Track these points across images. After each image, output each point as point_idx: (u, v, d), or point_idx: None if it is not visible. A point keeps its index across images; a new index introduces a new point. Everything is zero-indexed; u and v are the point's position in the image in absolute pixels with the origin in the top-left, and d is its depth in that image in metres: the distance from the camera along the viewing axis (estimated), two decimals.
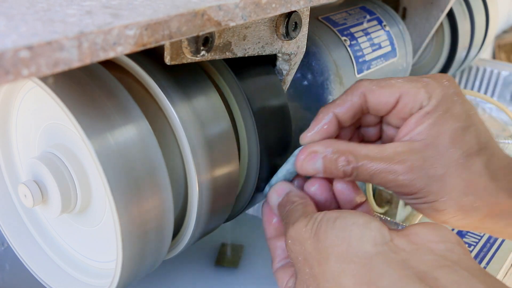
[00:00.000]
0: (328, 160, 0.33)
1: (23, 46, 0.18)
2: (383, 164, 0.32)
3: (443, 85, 0.33)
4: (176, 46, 0.30)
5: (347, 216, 0.29)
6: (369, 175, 0.33)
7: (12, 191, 0.40)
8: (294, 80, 0.49)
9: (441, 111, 0.33)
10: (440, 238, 0.28)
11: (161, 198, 0.30)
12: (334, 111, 0.35)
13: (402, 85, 0.34)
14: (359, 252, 0.27)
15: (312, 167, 0.34)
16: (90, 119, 0.28)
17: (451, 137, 0.32)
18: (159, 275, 0.50)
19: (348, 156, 0.33)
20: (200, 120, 0.33)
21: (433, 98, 0.33)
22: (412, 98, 0.33)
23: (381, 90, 0.34)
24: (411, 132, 0.33)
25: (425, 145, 0.32)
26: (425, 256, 0.27)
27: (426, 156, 0.32)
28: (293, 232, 0.31)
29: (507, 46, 1.34)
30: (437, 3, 0.65)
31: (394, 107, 0.34)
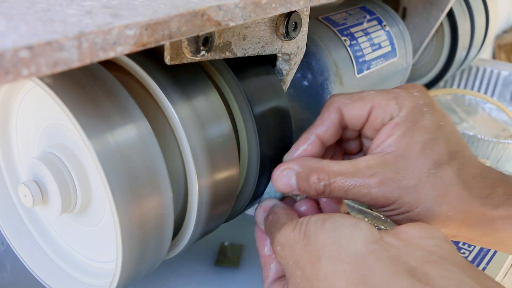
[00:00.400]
0: (300, 177, 0.34)
1: (23, 46, 0.18)
2: (355, 179, 0.33)
3: (413, 96, 0.34)
4: (176, 46, 0.30)
5: (336, 217, 0.30)
6: (343, 191, 0.33)
7: (12, 191, 0.40)
8: (294, 80, 0.49)
9: (411, 122, 0.33)
10: (428, 234, 0.29)
11: (161, 198, 0.30)
12: (316, 132, 0.36)
13: (373, 97, 0.34)
14: (350, 252, 0.28)
15: (286, 183, 0.35)
16: (90, 119, 0.28)
17: (421, 148, 0.33)
18: (159, 275, 0.50)
19: (320, 174, 0.34)
20: (200, 120, 0.33)
21: (403, 109, 0.34)
22: (383, 110, 0.34)
23: (354, 103, 0.35)
24: (382, 144, 0.34)
25: (395, 157, 0.33)
26: (414, 252, 0.27)
27: (397, 168, 0.33)
28: (281, 238, 0.31)
29: (507, 46, 1.34)
30: (437, 3, 0.65)
31: (367, 119, 0.35)
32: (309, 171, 0.34)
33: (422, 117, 0.34)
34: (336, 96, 0.36)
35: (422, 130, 0.33)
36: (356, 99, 0.35)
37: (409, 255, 0.27)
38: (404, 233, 0.29)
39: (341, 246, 0.28)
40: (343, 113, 0.35)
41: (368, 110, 0.35)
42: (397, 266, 0.26)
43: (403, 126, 0.33)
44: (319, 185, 0.34)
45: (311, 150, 0.36)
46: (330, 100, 0.36)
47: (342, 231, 0.29)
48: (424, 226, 0.29)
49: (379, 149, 0.34)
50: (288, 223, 0.32)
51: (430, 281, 0.25)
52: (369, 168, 0.33)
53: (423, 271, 0.26)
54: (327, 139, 0.36)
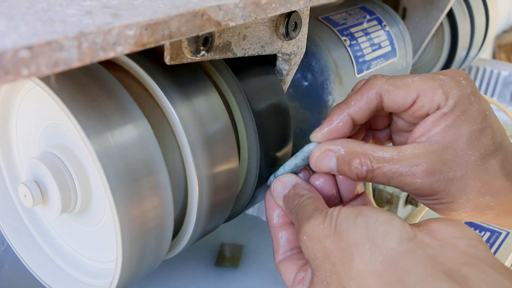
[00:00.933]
0: (341, 160, 0.33)
1: (23, 46, 0.18)
2: (401, 167, 0.32)
3: (460, 84, 0.33)
4: (176, 46, 0.30)
5: (368, 213, 0.29)
6: (386, 178, 0.32)
7: (12, 191, 0.40)
8: (294, 80, 0.49)
9: (458, 112, 0.32)
10: (462, 234, 0.28)
11: (161, 198, 0.30)
12: (349, 111, 0.34)
13: (419, 85, 0.33)
14: (384, 251, 0.27)
15: (326, 165, 0.34)
16: (90, 119, 0.28)
17: (468, 139, 0.32)
18: (159, 275, 0.50)
19: (363, 158, 0.32)
20: (200, 120, 0.33)
21: (450, 99, 0.32)
22: (429, 99, 0.32)
23: (397, 90, 0.33)
24: (427, 133, 0.33)
25: (442, 147, 0.32)
26: (450, 253, 0.26)
27: (444, 159, 0.32)
28: (309, 229, 0.30)
29: (507, 46, 1.34)
30: (437, 3, 0.65)
31: (410, 107, 0.33)
32: (352, 155, 0.33)
33: (470, 107, 0.32)
34: (378, 79, 0.34)
35: (470, 120, 0.32)
36: (400, 86, 0.33)
37: (446, 256, 0.26)
38: (439, 232, 0.28)
39: (375, 245, 0.27)
40: (384, 99, 0.34)
41: (413, 98, 0.33)
42: (434, 267, 0.26)
43: (451, 117, 0.32)
44: (361, 170, 0.32)
45: (342, 128, 0.34)
46: (370, 83, 0.34)
47: (376, 228, 0.28)
48: (457, 224, 0.29)
49: (425, 138, 0.33)
50: (317, 214, 0.30)
51: (469, 283, 0.25)
52: (415, 157, 0.32)
53: (461, 273, 0.25)
54: (358, 120, 0.34)
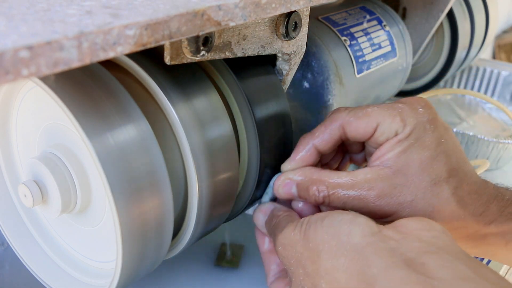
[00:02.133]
0: (300, 187, 0.36)
1: (23, 46, 0.18)
2: (353, 191, 0.34)
3: (417, 112, 0.35)
4: (176, 46, 0.30)
5: (334, 214, 0.30)
6: (341, 202, 0.34)
7: (12, 191, 0.40)
8: (294, 80, 0.49)
9: (412, 139, 0.34)
10: (427, 226, 0.29)
11: (161, 198, 0.30)
12: (314, 142, 0.37)
13: (379, 114, 0.35)
14: (349, 245, 0.28)
15: (287, 192, 0.36)
16: (90, 119, 0.28)
17: (420, 165, 0.34)
18: (159, 275, 0.50)
19: (319, 185, 0.35)
20: (200, 120, 0.33)
21: (407, 126, 0.34)
22: (388, 127, 0.34)
23: (359, 121, 0.35)
24: (381, 158, 0.34)
25: (393, 172, 0.34)
26: (412, 243, 0.28)
27: (395, 184, 0.34)
28: (282, 239, 0.32)
29: (507, 46, 1.34)
30: (437, 3, 0.65)
31: (372, 135, 0.35)
32: (309, 182, 0.35)
33: (424, 134, 0.34)
34: (340, 112, 0.36)
35: (423, 147, 0.34)
36: (361, 117, 0.35)
37: (407, 246, 0.27)
38: (403, 226, 0.29)
39: (340, 241, 0.28)
40: (346, 131, 0.36)
41: (373, 127, 0.35)
42: (395, 257, 0.27)
43: (405, 143, 0.34)
44: (319, 197, 0.35)
45: (308, 158, 0.37)
46: (333, 116, 0.36)
47: (341, 226, 0.29)
48: (424, 219, 0.30)
49: (378, 162, 0.35)
50: (289, 224, 0.32)
51: (427, 271, 0.26)
52: (367, 181, 0.34)
53: (420, 261, 0.26)
54: (323, 150, 0.37)
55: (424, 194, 0.33)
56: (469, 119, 0.77)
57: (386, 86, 0.58)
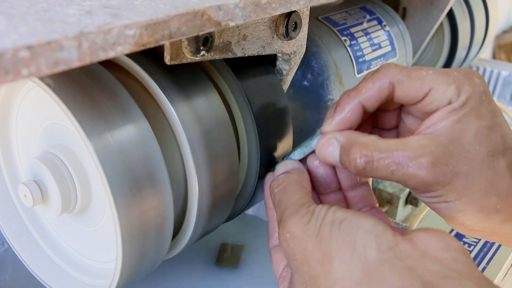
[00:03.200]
0: (344, 150, 0.32)
1: (23, 46, 0.18)
2: (405, 157, 0.30)
3: (473, 82, 0.32)
4: (176, 46, 0.30)
5: (353, 219, 0.28)
6: (389, 169, 0.31)
7: (12, 191, 0.40)
8: (294, 80, 0.49)
9: (468, 108, 0.31)
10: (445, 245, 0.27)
11: (161, 198, 0.30)
12: (360, 99, 0.33)
13: (433, 79, 0.32)
14: (364, 259, 0.26)
15: (330, 154, 0.33)
16: (90, 119, 0.28)
17: (476, 135, 0.31)
18: (159, 275, 0.50)
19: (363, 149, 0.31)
20: (200, 120, 0.33)
21: (462, 95, 0.32)
22: (441, 94, 0.32)
23: (411, 82, 0.32)
24: (434, 126, 0.32)
25: (449, 140, 0.31)
26: (430, 265, 0.26)
27: (450, 152, 0.31)
28: (293, 227, 0.30)
29: (507, 46, 1.34)
30: (437, 3, 0.65)
31: (421, 100, 0.33)
32: (352, 144, 0.32)
33: (480, 105, 0.32)
34: (391, 68, 0.33)
35: (479, 117, 0.31)
36: (414, 78, 0.32)
37: (425, 268, 0.26)
38: (422, 242, 0.27)
39: (355, 253, 0.27)
40: (396, 89, 0.33)
41: (425, 92, 0.32)
42: (412, 278, 0.25)
43: (460, 112, 0.31)
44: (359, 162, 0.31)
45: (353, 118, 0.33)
46: (383, 71, 0.33)
47: (358, 235, 0.27)
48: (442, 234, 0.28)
49: (431, 130, 0.32)
50: (303, 212, 0.30)
51: None
52: (420, 147, 0.30)
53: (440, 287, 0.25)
54: (369, 107, 0.33)
55: (481, 165, 0.31)
56: None
57: None
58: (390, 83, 0.33)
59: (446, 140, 0.31)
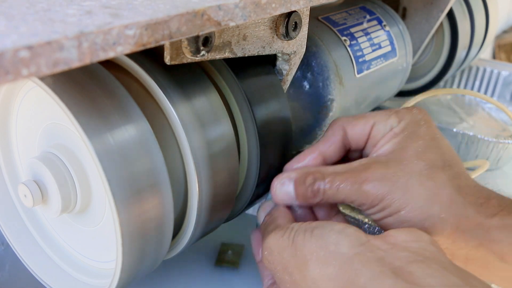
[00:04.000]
0: (297, 182, 0.35)
1: (23, 46, 0.18)
2: (348, 175, 0.34)
3: (412, 112, 0.36)
4: (176, 46, 0.30)
5: (324, 224, 0.30)
6: (336, 189, 0.34)
7: (12, 191, 0.40)
8: (294, 80, 0.49)
9: (407, 132, 0.35)
10: (414, 237, 0.29)
11: (161, 198, 0.30)
12: (319, 148, 0.37)
13: (375, 115, 0.37)
14: (337, 255, 0.28)
15: (285, 191, 0.36)
16: (90, 119, 0.28)
17: (414, 151, 0.34)
18: (159, 275, 0.50)
19: (315, 174, 0.35)
20: (200, 120, 0.33)
21: (402, 122, 0.36)
22: (383, 124, 0.36)
23: (357, 121, 0.37)
24: (378, 150, 0.36)
25: (389, 158, 0.34)
26: (400, 253, 0.28)
27: (389, 166, 0.34)
28: (270, 242, 0.32)
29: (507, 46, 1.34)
30: (437, 3, 0.65)
31: (369, 135, 0.36)
32: (306, 174, 0.35)
33: (419, 128, 0.35)
34: (340, 117, 0.38)
35: (418, 137, 0.35)
36: (359, 118, 0.37)
37: (395, 256, 0.27)
38: (392, 237, 0.29)
39: (328, 251, 0.29)
40: (347, 131, 0.37)
41: (370, 125, 0.36)
42: (382, 266, 0.27)
43: (400, 135, 0.35)
44: (315, 186, 0.34)
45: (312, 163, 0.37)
46: (334, 121, 0.38)
47: (330, 236, 0.29)
48: (412, 230, 0.30)
49: (374, 154, 0.36)
50: (278, 229, 0.32)
51: (415, 279, 0.26)
52: (362, 165, 0.34)
53: (408, 270, 0.26)
54: (329, 156, 0.37)
55: (419, 176, 0.33)
56: (469, 119, 0.77)
57: (386, 86, 0.58)
58: (340, 126, 0.37)
59: (385, 158, 0.35)
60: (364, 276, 0.27)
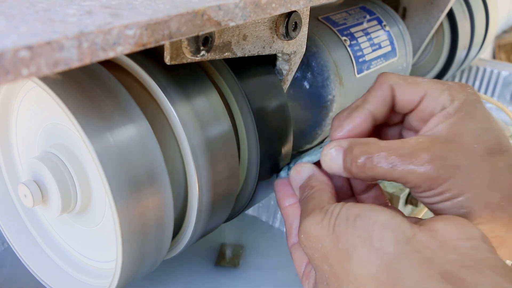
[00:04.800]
0: (346, 153, 0.32)
1: (23, 46, 0.18)
2: (404, 154, 0.30)
3: (466, 91, 0.33)
4: (176, 46, 0.30)
5: (368, 213, 0.28)
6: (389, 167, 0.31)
7: (12, 191, 0.40)
8: (294, 80, 0.49)
9: (463, 112, 0.32)
10: (464, 235, 0.27)
11: (161, 198, 0.30)
12: (369, 108, 0.34)
13: (428, 85, 0.33)
14: (381, 254, 0.26)
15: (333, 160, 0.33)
16: (90, 119, 0.28)
17: (473, 134, 0.31)
18: (159, 275, 0.50)
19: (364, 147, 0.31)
20: (200, 120, 0.33)
21: (456, 101, 0.32)
22: (435, 99, 0.33)
23: (408, 86, 0.33)
24: (432, 129, 0.32)
25: (447, 139, 0.31)
26: (449, 255, 0.26)
27: (449, 147, 0.31)
28: (307, 227, 0.30)
29: (507, 46, 1.34)
30: (437, 3, 0.65)
31: (417, 105, 0.33)
32: (354, 144, 0.32)
33: (474, 110, 0.32)
34: (389, 74, 0.34)
35: (475, 120, 0.32)
36: (410, 82, 0.33)
37: (444, 258, 0.26)
38: (440, 232, 0.27)
39: (372, 247, 0.27)
40: (395, 93, 0.34)
41: (421, 96, 0.33)
42: (431, 269, 0.25)
43: (456, 116, 0.32)
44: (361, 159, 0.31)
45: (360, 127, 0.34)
46: (382, 78, 0.34)
47: (374, 230, 0.27)
48: (461, 223, 0.28)
49: (430, 132, 0.32)
50: (317, 212, 0.30)
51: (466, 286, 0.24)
52: (419, 144, 0.31)
53: (459, 277, 0.25)
54: (378, 117, 0.34)
55: (481, 161, 0.31)
56: None
57: None
58: (390, 87, 0.34)
59: (443, 138, 0.31)
60: (410, 279, 0.25)
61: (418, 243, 0.26)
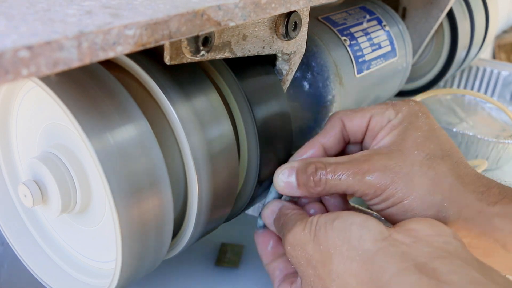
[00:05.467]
0: (298, 171, 0.36)
1: (22, 46, 0.18)
2: (350, 165, 0.34)
3: (409, 104, 0.37)
4: (176, 46, 0.30)
5: (345, 216, 0.31)
6: (338, 180, 0.34)
7: (12, 191, 0.40)
8: (294, 80, 0.49)
9: (406, 123, 0.36)
10: (437, 232, 0.29)
11: (161, 198, 0.30)
12: (319, 140, 0.38)
13: (372, 108, 0.37)
14: (360, 251, 0.28)
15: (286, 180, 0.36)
16: (90, 119, 0.28)
17: (414, 142, 0.35)
18: (159, 275, 0.50)
19: (317, 163, 0.35)
20: (200, 120, 0.33)
21: (400, 114, 0.36)
22: (381, 116, 0.36)
23: (355, 114, 0.37)
24: (378, 143, 0.36)
25: (390, 149, 0.35)
26: (423, 248, 0.28)
27: (390, 156, 0.34)
28: (292, 238, 0.32)
29: (507, 46, 1.34)
30: (437, 3, 0.65)
31: (367, 128, 0.37)
32: (308, 163, 0.35)
33: (417, 119, 0.36)
34: (338, 111, 0.39)
35: (417, 128, 0.35)
36: (357, 111, 0.38)
37: (418, 251, 0.28)
38: (414, 230, 0.29)
39: (351, 246, 0.29)
40: (345, 123, 0.37)
41: (368, 118, 0.37)
42: (406, 262, 0.27)
43: (399, 127, 0.35)
44: (316, 176, 0.34)
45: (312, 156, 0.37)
46: (332, 114, 0.39)
47: (352, 230, 0.29)
48: (433, 223, 0.30)
49: (376, 146, 0.36)
50: (298, 223, 0.32)
51: (438, 275, 0.26)
52: (363, 156, 0.34)
53: (432, 267, 0.26)
54: (329, 148, 0.38)
55: (420, 167, 0.33)
56: (469, 119, 0.77)
57: (386, 86, 0.58)
58: (339, 119, 0.38)
59: (387, 149, 0.35)
60: (388, 272, 0.27)
61: (394, 240, 0.29)
